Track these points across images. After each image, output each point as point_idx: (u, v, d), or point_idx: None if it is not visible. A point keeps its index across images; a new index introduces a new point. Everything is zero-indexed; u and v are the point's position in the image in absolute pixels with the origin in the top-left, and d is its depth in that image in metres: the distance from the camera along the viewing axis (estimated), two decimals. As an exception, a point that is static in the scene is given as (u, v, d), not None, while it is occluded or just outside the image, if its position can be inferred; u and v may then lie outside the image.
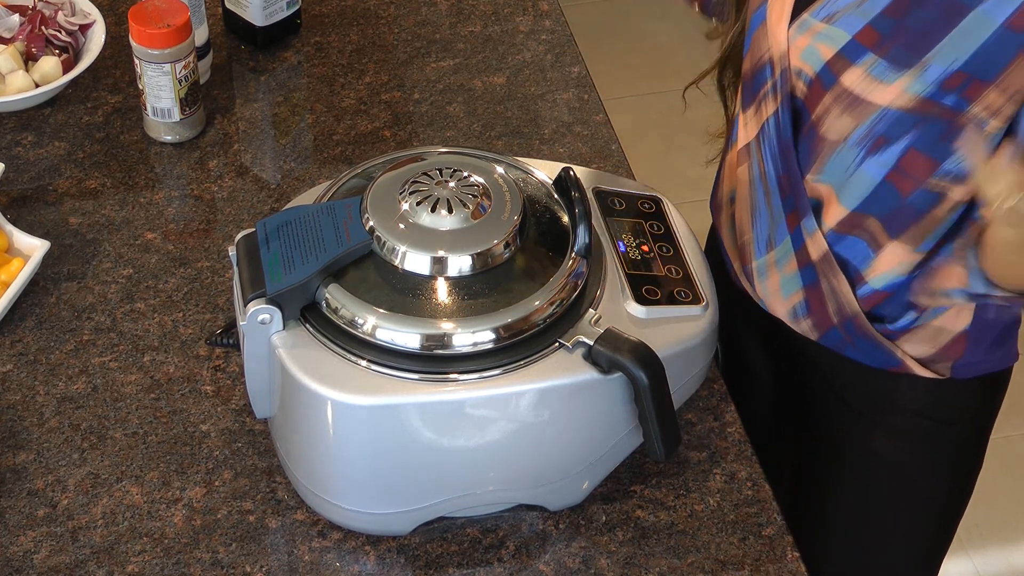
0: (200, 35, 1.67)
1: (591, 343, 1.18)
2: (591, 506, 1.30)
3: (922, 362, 1.40)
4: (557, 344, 1.19)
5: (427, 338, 1.16)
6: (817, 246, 1.35)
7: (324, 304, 1.19)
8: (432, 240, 1.19)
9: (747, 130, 1.38)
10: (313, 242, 1.20)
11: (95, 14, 1.73)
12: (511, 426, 1.20)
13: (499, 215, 1.22)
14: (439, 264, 1.19)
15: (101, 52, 1.69)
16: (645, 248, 1.30)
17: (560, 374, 1.18)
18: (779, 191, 1.35)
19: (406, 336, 1.17)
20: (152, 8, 1.58)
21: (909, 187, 1.27)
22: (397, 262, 1.19)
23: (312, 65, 1.76)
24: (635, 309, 1.24)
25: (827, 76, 1.27)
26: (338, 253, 1.19)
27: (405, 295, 1.18)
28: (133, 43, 1.58)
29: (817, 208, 1.34)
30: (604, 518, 1.29)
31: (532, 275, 1.20)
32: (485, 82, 1.74)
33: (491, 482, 1.24)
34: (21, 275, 1.44)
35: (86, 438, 1.34)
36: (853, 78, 1.25)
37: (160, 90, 1.60)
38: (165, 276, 1.49)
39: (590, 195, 1.34)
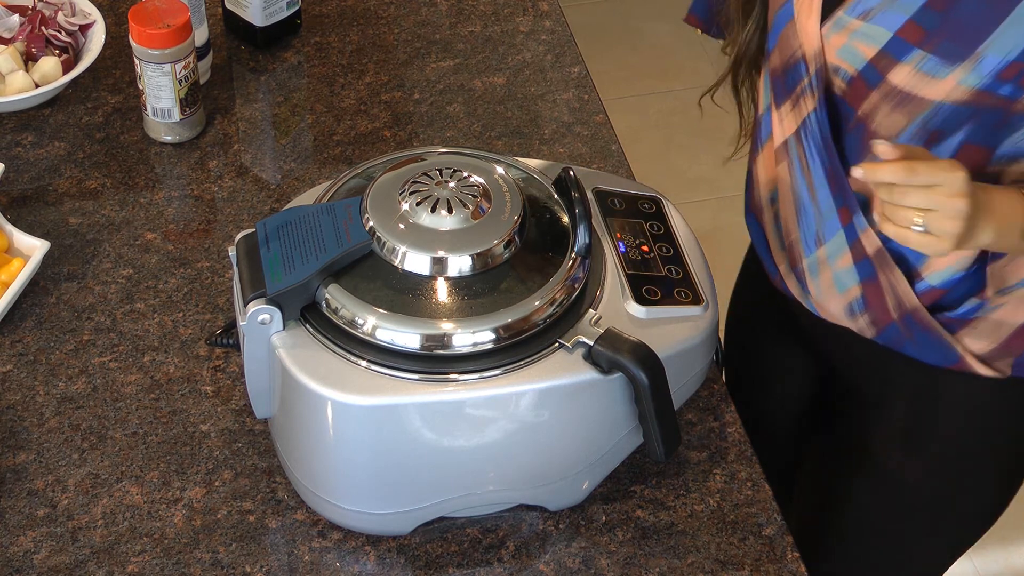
0: (200, 35, 1.67)
1: (591, 343, 1.18)
2: (591, 506, 1.30)
3: (982, 359, 1.35)
4: (557, 344, 1.19)
5: (427, 338, 1.16)
6: (871, 241, 1.31)
7: (324, 304, 1.19)
8: (432, 240, 1.19)
9: (784, 126, 1.36)
10: (313, 242, 1.20)
11: (95, 14, 1.73)
12: (511, 426, 1.20)
13: (499, 215, 1.22)
14: (439, 264, 1.19)
15: (101, 52, 1.69)
16: (645, 248, 1.30)
17: (560, 374, 1.18)
18: (828, 185, 1.32)
19: (406, 336, 1.17)
20: (152, 8, 1.58)
21: None
22: (397, 262, 1.19)
23: (312, 65, 1.76)
24: (635, 309, 1.24)
25: (871, 74, 1.26)
26: (338, 253, 1.19)
27: (405, 295, 1.18)
28: (133, 43, 1.58)
29: (866, 204, 1.30)
30: (604, 518, 1.29)
31: (532, 275, 1.20)
32: (485, 82, 1.74)
33: (491, 482, 1.24)
34: (21, 275, 1.44)
35: (86, 438, 1.34)
36: (902, 75, 1.23)
37: (160, 90, 1.60)
38: (165, 276, 1.49)
39: (590, 195, 1.34)
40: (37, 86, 1.66)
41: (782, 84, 1.35)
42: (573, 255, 1.22)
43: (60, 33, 1.69)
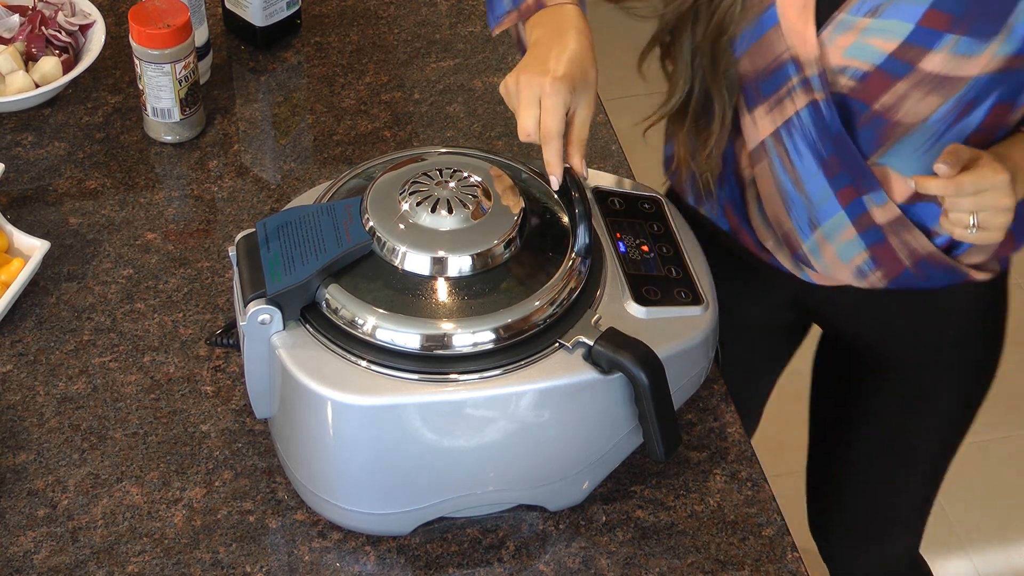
0: (200, 35, 1.67)
1: (591, 343, 1.18)
2: (591, 506, 1.30)
3: (978, 268, 1.45)
4: (557, 344, 1.19)
5: (427, 338, 1.16)
6: (887, 212, 1.38)
7: (324, 304, 1.19)
8: (432, 240, 1.19)
9: (758, 128, 1.39)
10: (313, 242, 1.20)
11: (95, 14, 1.73)
12: (511, 426, 1.20)
13: (499, 215, 1.22)
14: (439, 264, 1.19)
15: (101, 52, 1.69)
16: (645, 248, 1.30)
17: (560, 374, 1.18)
18: (822, 174, 1.37)
19: (406, 336, 1.17)
20: (152, 8, 1.58)
21: (991, 137, 1.32)
22: (397, 262, 1.19)
23: (312, 65, 1.76)
24: (635, 309, 1.24)
25: (895, 66, 1.28)
26: (338, 253, 1.19)
27: (405, 295, 1.18)
28: (133, 43, 1.58)
29: (877, 183, 1.37)
30: (604, 518, 1.29)
31: (532, 275, 1.20)
32: (485, 82, 1.74)
33: (491, 482, 1.24)
34: (21, 275, 1.44)
35: (86, 438, 1.34)
36: (937, 61, 1.26)
37: (160, 90, 1.60)
38: (165, 276, 1.49)
39: (590, 195, 1.34)
40: (37, 86, 1.66)
41: (756, 88, 1.37)
42: (573, 255, 1.22)
43: (60, 33, 1.69)
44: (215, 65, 1.74)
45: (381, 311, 1.17)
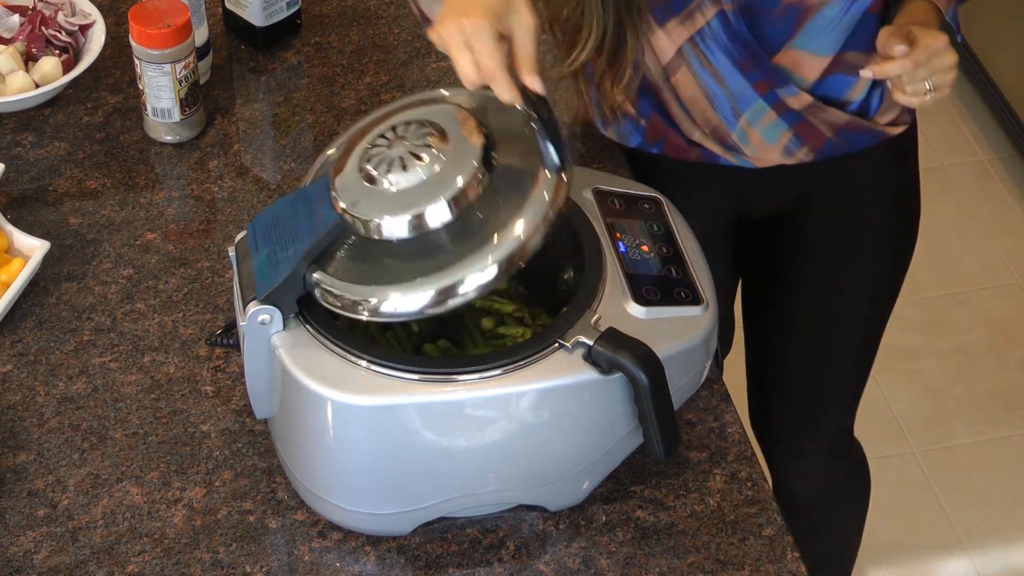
0: (200, 35, 1.67)
1: (591, 343, 1.18)
2: (591, 506, 1.30)
3: (891, 124, 1.58)
4: (557, 344, 1.19)
5: (438, 292, 1.14)
6: (800, 100, 1.50)
7: (317, 294, 1.17)
8: (399, 202, 1.16)
9: (672, 39, 1.47)
10: (292, 233, 1.19)
11: (95, 14, 1.73)
12: (511, 426, 1.20)
13: (461, 153, 1.18)
14: (417, 220, 1.16)
15: (101, 52, 1.69)
16: (645, 248, 1.30)
17: (560, 374, 1.18)
18: (738, 72, 1.48)
19: (413, 299, 1.14)
20: (152, 8, 1.58)
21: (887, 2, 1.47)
22: (373, 233, 1.17)
23: (312, 65, 1.76)
24: (635, 309, 1.24)
25: None
26: (312, 240, 1.17)
27: (393, 261, 1.16)
28: (133, 43, 1.58)
29: (789, 74, 1.49)
30: (604, 518, 1.29)
31: (510, 199, 1.17)
32: (485, 82, 1.74)
33: (491, 482, 1.24)
34: (21, 275, 1.44)
35: (86, 438, 1.34)
36: None
37: (160, 90, 1.60)
38: (165, 276, 1.49)
39: (590, 195, 1.34)
40: (37, 86, 1.66)
41: (666, 5, 1.45)
42: (546, 171, 1.18)
43: (60, 33, 1.69)
44: (215, 65, 1.74)
45: (371, 286, 1.15)
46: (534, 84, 1.21)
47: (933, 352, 2.78)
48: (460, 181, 1.17)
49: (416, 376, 1.17)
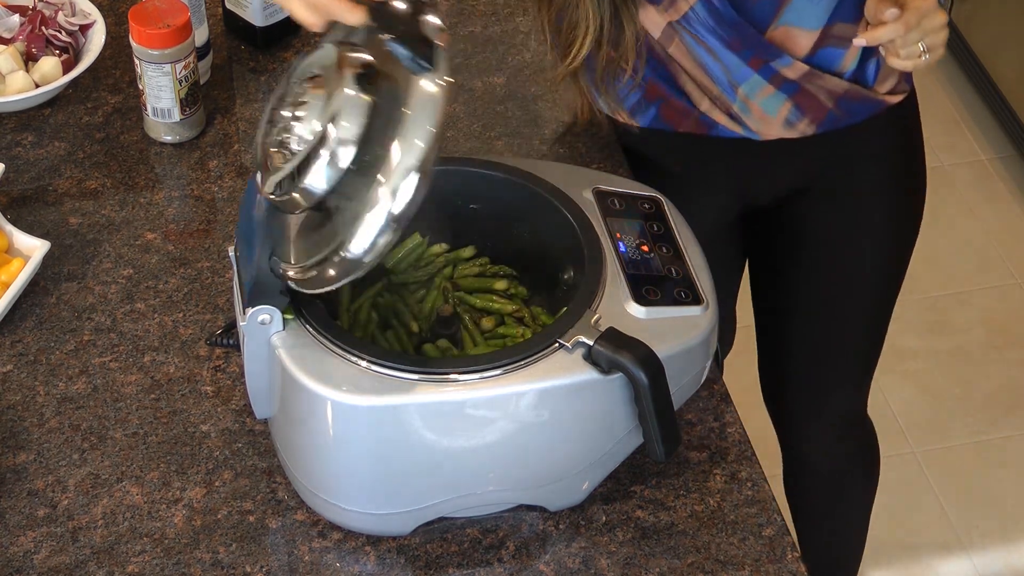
0: (200, 35, 1.67)
1: (591, 343, 1.18)
2: (591, 506, 1.30)
3: (891, 93, 1.59)
4: (557, 344, 1.19)
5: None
6: (796, 70, 1.51)
7: (290, 284, 1.17)
8: (305, 165, 1.14)
9: (659, 21, 1.49)
10: (247, 233, 1.20)
11: (95, 14, 1.73)
12: (511, 426, 1.20)
13: (336, 94, 1.14)
14: (324, 173, 1.14)
15: (101, 52, 1.69)
16: (645, 248, 1.30)
17: (560, 374, 1.18)
18: (728, 51, 1.49)
19: (359, 245, 1.13)
20: (152, 8, 1.58)
21: None
22: (301, 206, 1.15)
23: (312, 65, 1.76)
24: (635, 309, 1.24)
25: None
26: (257, 231, 1.18)
27: (335, 223, 1.14)
28: (133, 43, 1.58)
29: (779, 51, 1.49)
30: (604, 518, 1.29)
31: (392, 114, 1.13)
32: (485, 82, 1.74)
33: (491, 482, 1.24)
34: (21, 275, 1.44)
35: (86, 438, 1.34)
36: None
37: (160, 90, 1.60)
38: (165, 276, 1.49)
39: (590, 195, 1.34)
40: (37, 86, 1.66)
41: None
42: (413, 76, 1.14)
43: (60, 33, 1.69)
44: (215, 65, 1.74)
45: (327, 250, 1.14)
46: None
47: (933, 352, 2.78)
48: (344, 116, 1.13)
49: (416, 376, 1.17)
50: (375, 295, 1.33)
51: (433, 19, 1.16)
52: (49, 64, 1.66)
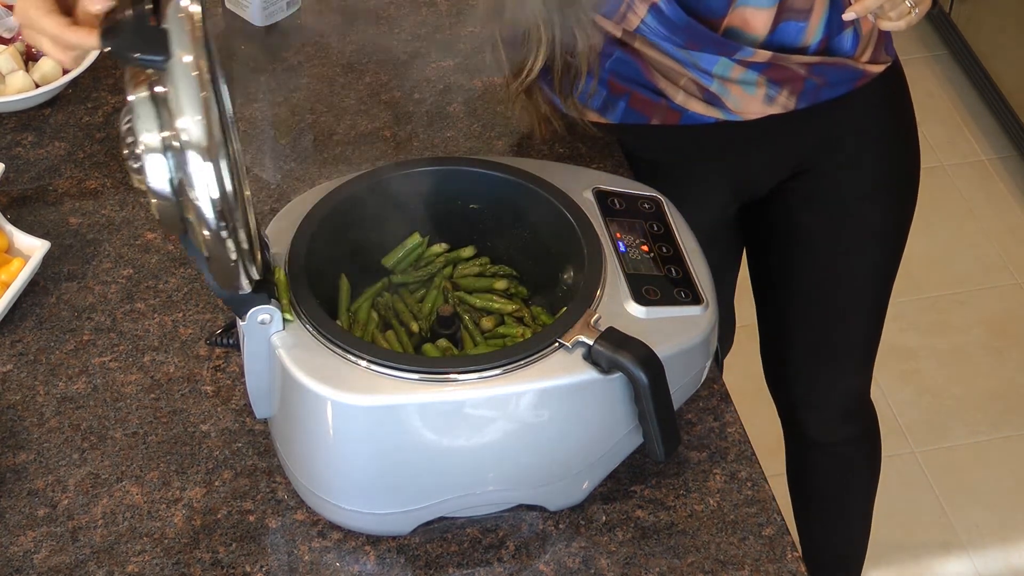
0: (200, 35, 1.67)
1: (591, 343, 1.19)
2: (591, 506, 1.30)
3: (871, 62, 1.59)
4: (557, 344, 1.19)
5: None
6: (760, 56, 1.51)
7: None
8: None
9: (615, 31, 1.51)
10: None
11: (95, 14, 1.73)
12: (511, 426, 1.20)
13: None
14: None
15: (101, 52, 1.69)
16: (645, 248, 1.30)
17: (560, 374, 1.18)
18: (687, 50, 1.50)
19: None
20: (152, 8, 1.57)
21: None
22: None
23: (312, 65, 1.76)
24: (635, 309, 1.24)
25: None
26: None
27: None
28: (133, 43, 1.58)
29: (740, 33, 1.50)
30: (604, 518, 1.30)
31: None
32: (485, 82, 1.74)
33: (491, 482, 1.24)
34: (21, 275, 1.44)
35: (86, 438, 1.34)
36: None
37: (160, 90, 1.59)
38: (165, 276, 1.49)
39: (590, 195, 1.34)
40: (37, 86, 1.66)
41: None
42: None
43: (60, 33, 1.69)
44: (215, 65, 1.74)
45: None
46: None
47: (933, 352, 2.78)
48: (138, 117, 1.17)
49: (416, 376, 1.17)
50: (375, 295, 1.33)
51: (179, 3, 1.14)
52: (49, 64, 1.66)
